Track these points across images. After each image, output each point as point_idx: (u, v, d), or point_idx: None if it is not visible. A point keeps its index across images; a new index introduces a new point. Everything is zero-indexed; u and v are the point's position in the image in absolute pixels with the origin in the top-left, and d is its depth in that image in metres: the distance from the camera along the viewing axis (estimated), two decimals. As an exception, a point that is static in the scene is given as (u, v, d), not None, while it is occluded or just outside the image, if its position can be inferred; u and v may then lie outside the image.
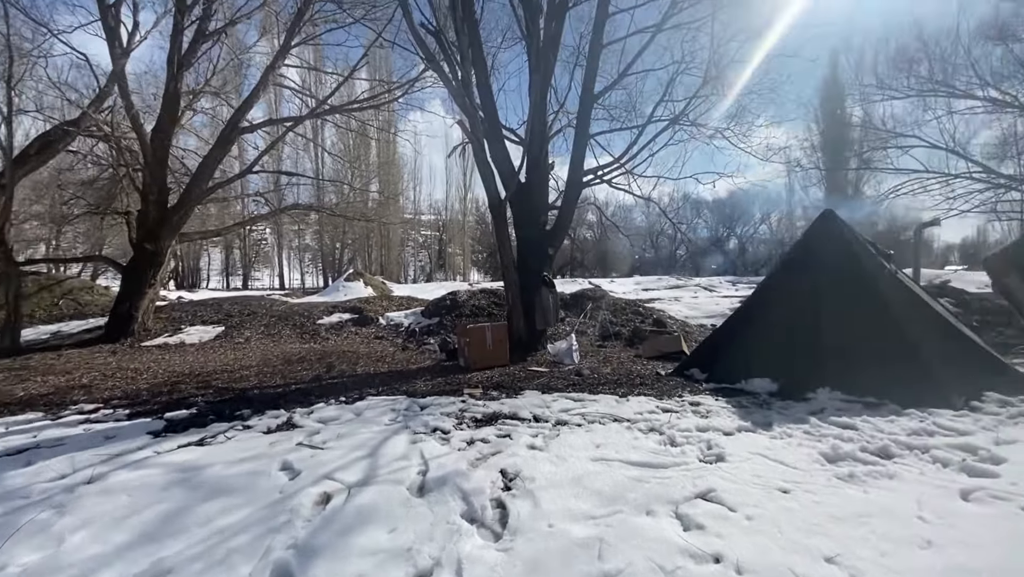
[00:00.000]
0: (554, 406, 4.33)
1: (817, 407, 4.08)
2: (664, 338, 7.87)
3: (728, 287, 21.71)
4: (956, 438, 3.17)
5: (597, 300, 11.36)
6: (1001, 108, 11.27)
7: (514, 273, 7.41)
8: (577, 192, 8.38)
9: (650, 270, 39.91)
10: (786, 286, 5.32)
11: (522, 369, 6.28)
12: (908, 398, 3.98)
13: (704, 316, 12.36)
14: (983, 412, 3.73)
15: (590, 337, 9.61)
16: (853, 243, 5.16)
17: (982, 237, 43.79)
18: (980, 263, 21.71)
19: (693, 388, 5.03)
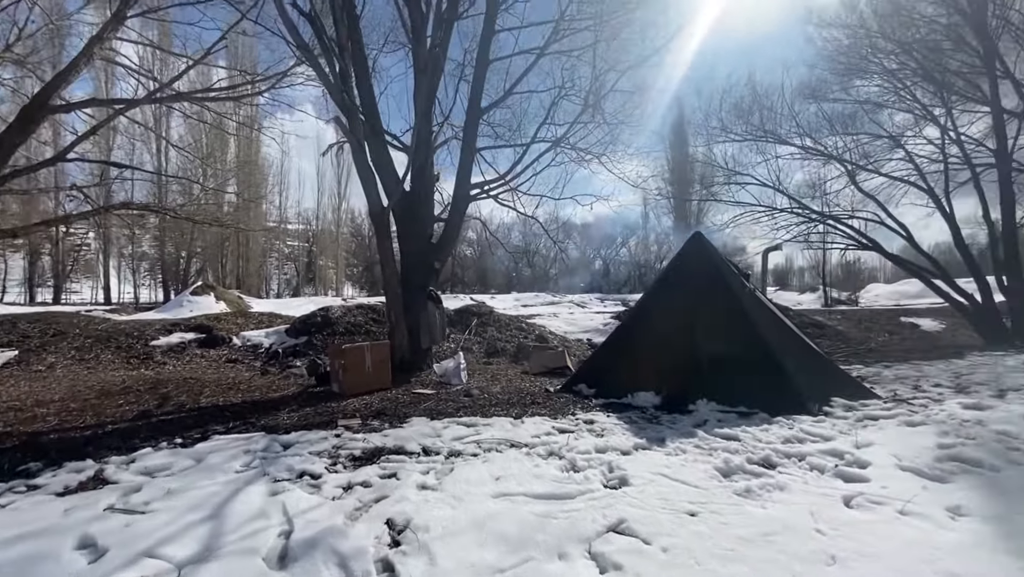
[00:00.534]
0: (445, 434, 3.89)
1: (700, 419, 4.21)
2: (549, 353, 7.86)
3: (597, 303, 23.09)
4: (823, 444, 3.42)
5: (482, 316, 11.14)
6: (813, 155, 13.52)
7: (397, 287, 6.84)
8: (464, 205, 8.09)
9: (527, 287, 41.24)
10: (664, 303, 5.55)
11: (406, 392, 5.73)
12: (774, 406, 4.29)
13: (581, 331, 12.82)
14: (834, 416, 4.14)
15: (476, 354, 9.31)
16: (720, 264, 5.58)
17: (789, 263, 52.45)
18: (788, 285, 25.26)
19: (584, 404, 4.95)
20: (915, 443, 3.34)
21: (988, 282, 11.37)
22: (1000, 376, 5.53)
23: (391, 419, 4.49)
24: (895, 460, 3.07)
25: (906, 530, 2.29)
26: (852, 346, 11.78)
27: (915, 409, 4.20)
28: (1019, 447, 3.14)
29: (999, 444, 3.21)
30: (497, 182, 8.93)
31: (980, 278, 11.47)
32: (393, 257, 7.00)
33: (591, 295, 27.55)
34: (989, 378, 5.42)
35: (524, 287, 42.06)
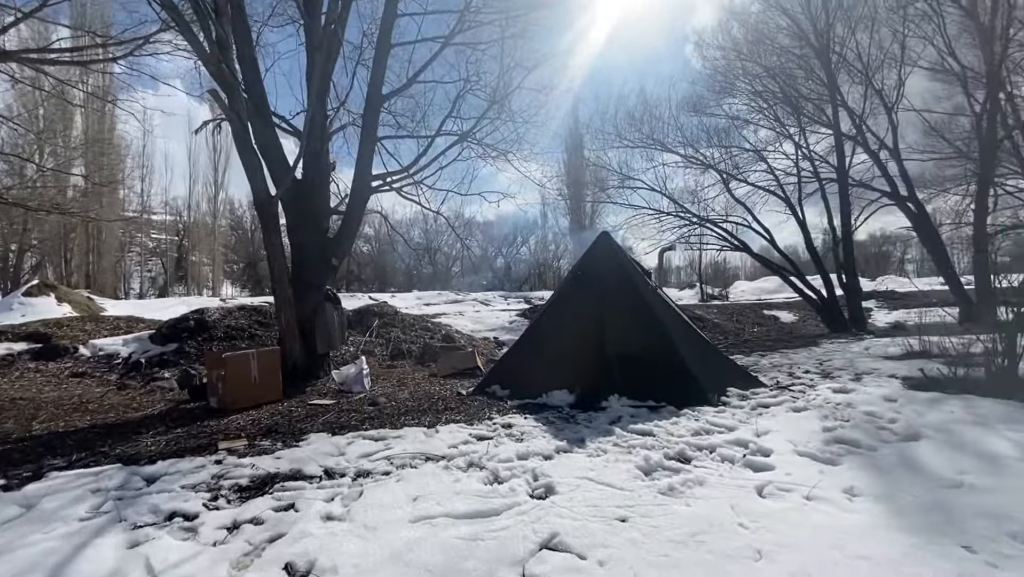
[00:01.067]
0: (351, 451, 3.47)
1: (614, 415, 4.23)
2: (458, 354, 7.59)
3: (501, 301, 23.24)
4: (728, 434, 3.58)
5: (385, 316, 10.53)
6: (693, 163, 14.72)
7: (288, 286, 6.12)
8: (364, 197, 7.51)
9: (428, 285, 40.40)
10: (576, 301, 5.57)
11: (302, 404, 5.12)
12: (680, 400, 4.47)
13: (488, 329, 12.71)
14: (732, 406, 4.40)
15: (379, 357, 8.75)
16: (625, 262, 5.73)
17: (668, 262, 57.14)
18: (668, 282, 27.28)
19: (499, 407, 4.77)
20: (804, 428, 3.62)
21: (831, 280, 13.20)
22: (852, 361, 6.34)
23: (285, 437, 3.94)
24: (792, 446, 3.29)
25: (815, 516, 2.41)
26: (729, 337, 13.00)
27: (796, 395, 4.62)
28: (885, 426, 3.54)
29: (869, 424, 3.60)
30: (400, 174, 8.45)
31: (825, 276, 13.27)
32: (283, 252, 6.26)
33: (494, 293, 27.68)
34: (845, 363, 6.19)
35: (425, 285, 41.15)
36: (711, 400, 4.46)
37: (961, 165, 14.50)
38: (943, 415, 3.68)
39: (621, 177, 15.40)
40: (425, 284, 42.04)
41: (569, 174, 46.92)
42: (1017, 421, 3.45)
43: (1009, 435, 3.22)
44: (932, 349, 6.35)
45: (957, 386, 4.36)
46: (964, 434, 3.28)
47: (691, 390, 4.56)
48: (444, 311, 15.65)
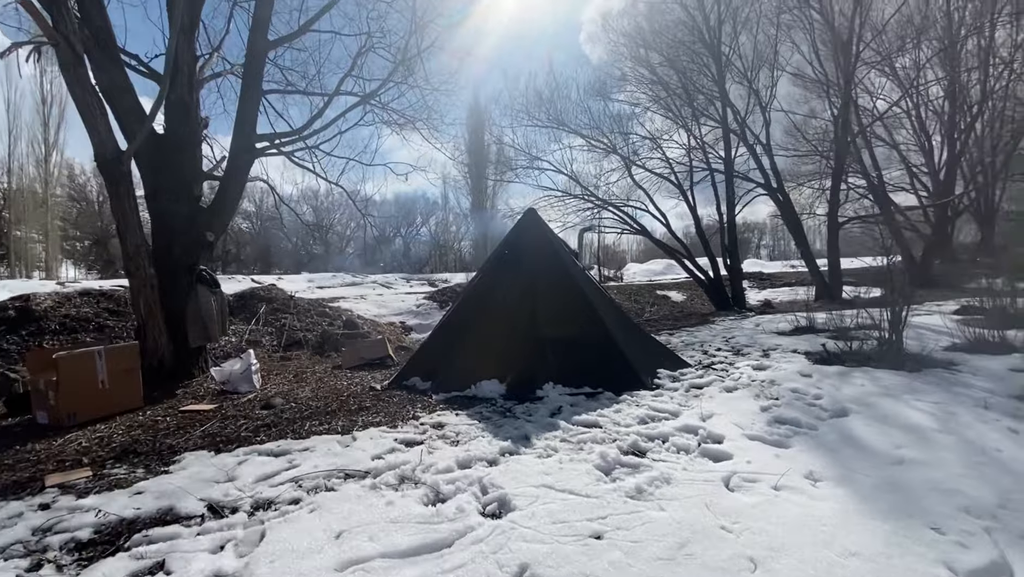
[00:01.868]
0: (244, 474, 2.73)
1: (553, 405, 3.90)
2: (366, 343, 6.81)
3: (403, 284, 22.20)
4: (675, 420, 3.42)
5: (273, 301, 9.25)
6: (598, 147, 14.95)
7: (148, 266, 4.91)
8: (247, 161, 6.33)
9: (319, 267, 37.47)
10: (502, 281, 5.14)
11: (171, 412, 4.12)
12: (616, 384, 4.27)
13: (393, 313, 11.87)
14: (666, 388, 4.30)
15: (268, 348, 7.62)
16: (554, 241, 5.42)
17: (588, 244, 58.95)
18: None
19: (424, 403, 4.21)
20: (743, 408, 3.59)
21: (717, 262, 14.28)
22: (752, 337, 6.73)
23: (149, 460, 3.04)
24: (739, 430, 3.20)
25: (791, 509, 2.26)
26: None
27: (720, 374, 4.66)
28: (813, 403, 3.63)
29: (800, 402, 3.67)
30: (291, 137, 7.32)
31: (712, 259, 14.31)
32: (139, 224, 4.99)
33: (395, 275, 26.37)
34: (747, 340, 6.53)
35: (316, 267, 38.13)
36: (647, 383, 4.33)
37: (815, 162, 16.51)
38: (856, 389, 3.87)
39: (530, 157, 15.21)
40: (316, 266, 38.96)
41: (471, 153, 46.34)
42: (918, 391, 3.72)
43: (918, 405, 3.43)
44: (817, 324, 6.96)
45: (854, 359, 4.69)
46: (882, 407, 3.43)
47: (626, 374, 4.39)
48: (342, 294, 14.39)
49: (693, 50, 13.97)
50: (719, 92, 13.71)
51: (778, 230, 49.49)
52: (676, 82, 13.90)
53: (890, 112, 15.22)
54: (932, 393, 3.66)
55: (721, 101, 13.78)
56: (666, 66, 13.85)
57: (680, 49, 13.96)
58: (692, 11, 13.49)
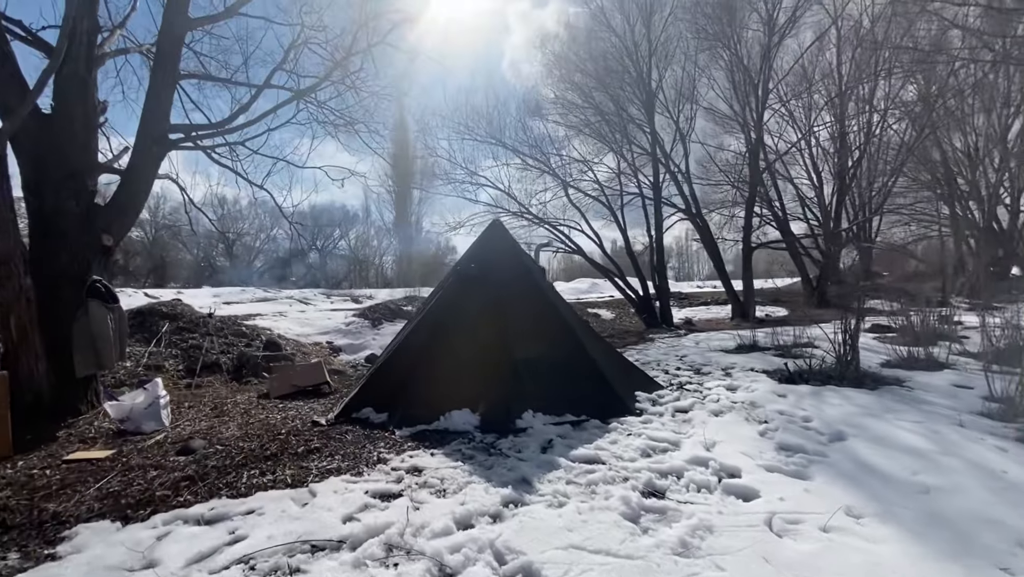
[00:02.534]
0: (169, 556, 2.01)
1: (541, 438, 3.48)
2: (300, 367, 5.95)
3: (324, 300, 20.67)
4: (679, 452, 3.15)
5: (179, 319, 7.95)
6: (534, 167, 14.98)
7: (22, 275, 3.84)
8: (158, 153, 5.33)
9: (223, 281, 34.05)
10: (467, 300, 4.66)
11: (53, 462, 3.15)
12: (601, 410, 3.95)
13: (319, 332, 10.81)
14: (651, 412, 4.05)
15: (172, 374, 6.45)
16: (522, 255, 5.06)
17: None
18: None
19: (386, 440, 3.58)
20: (742, 434, 3.41)
21: (647, 281, 14.76)
22: (704, 355, 6.78)
23: (24, 537, 2.19)
24: (750, 459, 2.99)
25: (852, 555, 2.03)
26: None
27: (696, 396, 4.51)
28: (807, 426, 3.54)
29: (794, 425, 3.57)
30: (210, 130, 6.37)
31: (642, 278, 14.77)
32: (14, 223, 3.91)
33: (312, 291, 24.53)
34: (701, 358, 6.56)
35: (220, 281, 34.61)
36: (631, 408, 4.06)
37: (724, 191, 17.89)
38: (836, 409, 3.87)
39: (468, 172, 14.86)
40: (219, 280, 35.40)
41: (395, 166, 45.09)
42: (892, 410, 3.78)
43: (903, 425, 3.46)
44: (759, 343, 7.21)
45: (817, 378, 4.78)
46: (872, 428, 3.42)
47: (609, 398, 4.09)
48: (257, 311, 12.93)
49: (623, 78, 14.51)
50: (647, 120, 14.32)
51: (683, 252, 53.21)
52: (609, 108, 14.34)
53: (790, 151, 16.84)
54: (906, 412, 3.74)
55: (650, 129, 14.40)
56: (600, 91, 14.25)
57: (611, 76, 14.44)
58: (624, 41, 14.04)
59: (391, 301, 13.69)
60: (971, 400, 4.07)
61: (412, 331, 4.75)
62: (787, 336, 7.37)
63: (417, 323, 4.77)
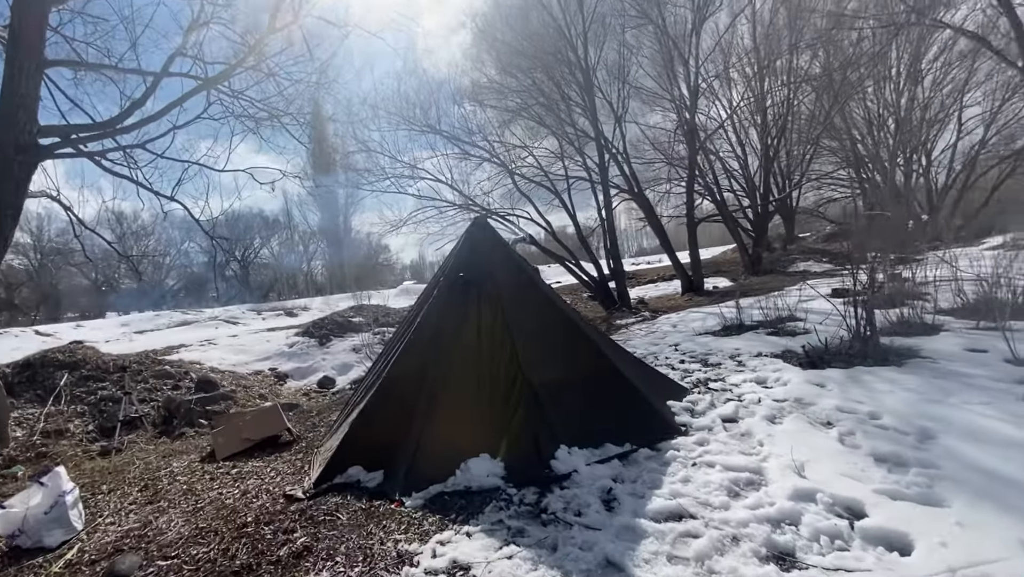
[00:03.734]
0: None
1: (595, 487, 2.76)
2: (251, 415, 4.82)
3: (254, 317, 18.71)
4: (767, 483, 2.57)
5: (80, 366, 6.42)
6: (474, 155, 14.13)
7: None
8: (24, 165, 3.99)
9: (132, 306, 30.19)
10: (461, 316, 3.82)
11: None
12: (643, 434, 3.32)
13: (258, 359, 9.45)
14: (695, 428, 3.46)
15: (79, 439, 5.11)
16: (517, 258, 4.29)
17: (422, 260, 56.39)
18: None
19: (394, 517, 2.71)
20: (822, 446, 2.90)
21: (601, 265, 14.46)
22: (695, 341, 6.38)
23: None
24: (860, 484, 2.46)
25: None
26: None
27: (732, 397, 4.00)
28: (881, 425, 3.10)
29: (864, 425, 3.12)
30: (94, 132, 5.01)
31: (596, 262, 14.46)
32: None
33: (238, 307, 22.18)
34: (696, 346, 6.14)
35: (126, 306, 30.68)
36: (674, 424, 3.46)
37: (655, 169, 18.10)
38: (892, 397, 3.48)
39: (408, 165, 13.71)
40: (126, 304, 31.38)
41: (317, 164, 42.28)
42: (951, 392, 3.42)
43: (975, 409, 3.10)
44: (745, 320, 6.93)
45: (840, 359, 4.45)
46: (950, 419, 3.03)
47: (646, 416, 3.47)
48: (180, 340, 11.18)
49: (556, 57, 13.89)
50: (588, 101, 13.87)
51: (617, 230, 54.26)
52: (549, 89, 13.74)
53: (721, 127, 17.15)
54: (961, 392, 3.42)
55: (592, 113, 13.97)
56: (540, 71, 13.59)
57: (548, 56, 13.81)
58: (557, 18, 13.41)
59: (337, 314, 12.39)
60: (1001, 367, 3.86)
61: (397, 359, 3.84)
62: (757, 310, 7.18)
63: (402, 348, 3.87)
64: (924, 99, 18.46)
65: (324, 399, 7.79)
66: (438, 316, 3.90)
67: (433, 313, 3.94)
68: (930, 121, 18.97)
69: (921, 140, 19.35)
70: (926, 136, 19.35)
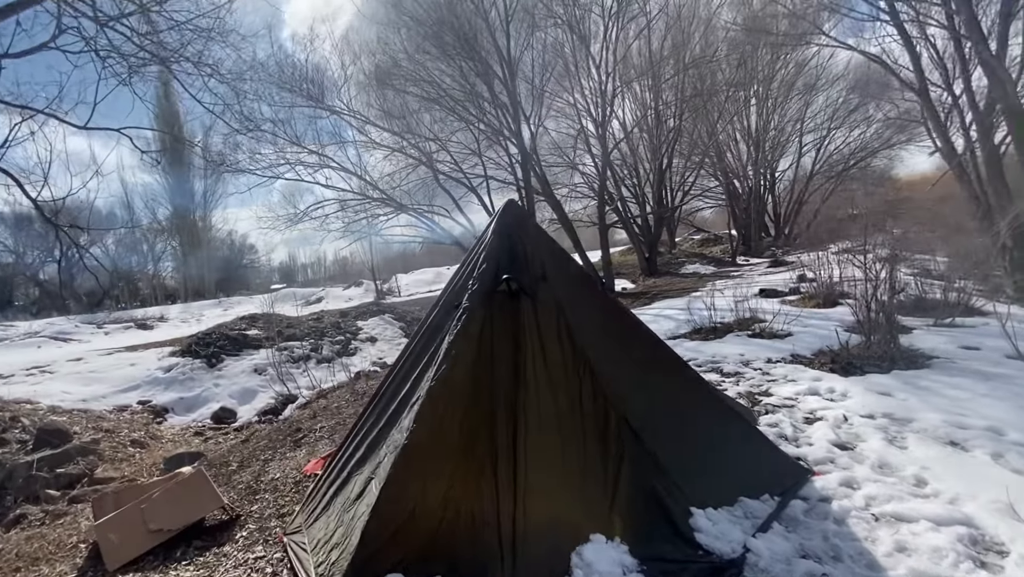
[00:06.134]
0: None
1: (784, 570, 1.96)
2: (162, 491, 3.10)
3: (95, 332, 14.73)
4: (978, 530, 2.00)
5: None
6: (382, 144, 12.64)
7: None
8: None
9: None
10: (511, 336, 2.71)
11: None
12: (771, 477, 2.59)
13: (122, 389, 7.08)
14: (808, 461, 2.84)
15: None
16: (564, 253, 3.30)
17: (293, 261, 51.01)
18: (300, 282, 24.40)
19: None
20: (994, 477, 2.42)
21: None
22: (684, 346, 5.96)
23: None
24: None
25: None
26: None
27: (807, 416, 3.48)
28: (1004, 438, 2.75)
29: (998, 443, 2.74)
30: None
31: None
32: None
33: (70, 318, 17.32)
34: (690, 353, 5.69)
35: None
36: (790, 459, 2.78)
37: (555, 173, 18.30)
38: (978, 404, 3.22)
39: (311, 151, 11.65)
40: None
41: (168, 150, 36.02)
42: (1017, 394, 3.31)
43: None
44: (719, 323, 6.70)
45: (869, 363, 4.24)
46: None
47: (763, 452, 2.74)
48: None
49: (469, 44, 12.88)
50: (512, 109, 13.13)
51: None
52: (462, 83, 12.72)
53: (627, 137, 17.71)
54: None
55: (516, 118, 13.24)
56: (463, 59, 12.49)
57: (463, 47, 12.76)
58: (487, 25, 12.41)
59: (226, 326, 9.99)
60: (1013, 364, 3.95)
61: (425, 407, 2.56)
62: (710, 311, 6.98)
63: (437, 385, 2.63)
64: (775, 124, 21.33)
65: (232, 439, 5.95)
66: (473, 336, 2.71)
67: (467, 337, 2.75)
68: (773, 144, 21.96)
69: (769, 160, 22.27)
70: (771, 157, 22.35)
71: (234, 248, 45.23)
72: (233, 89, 5.98)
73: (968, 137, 7.90)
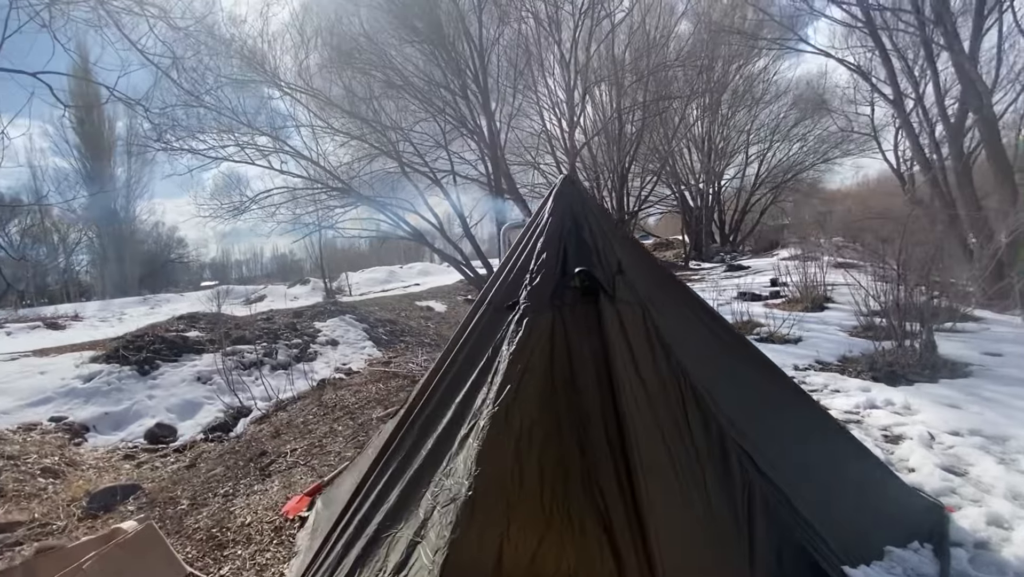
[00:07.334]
0: None
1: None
2: (95, 558, 2.17)
3: None
4: None
5: None
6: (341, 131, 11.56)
7: None
8: None
9: None
10: (595, 345, 2.06)
11: None
12: (905, 517, 2.11)
13: (29, 403, 5.79)
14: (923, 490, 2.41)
15: None
16: (633, 237, 2.69)
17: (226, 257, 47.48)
18: None
19: None
20: None
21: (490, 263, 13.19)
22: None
23: None
24: None
25: None
26: (417, 336, 10.91)
27: (887, 434, 3.09)
28: None
29: None
30: None
31: (485, 261, 13.16)
32: None
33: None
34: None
35: None
36: (926, 496, 2.33)
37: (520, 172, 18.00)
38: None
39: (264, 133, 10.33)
40: None
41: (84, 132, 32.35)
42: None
43: None
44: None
45: (915, 372, 3.97)
46: None
47: (888, 485, 2.27)
48: None
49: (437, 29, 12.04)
50: (483, 106, 12.43)
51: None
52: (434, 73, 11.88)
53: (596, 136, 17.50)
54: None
55: (487, 116, 12.56)
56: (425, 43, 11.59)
57: (431, 32, 11.89)
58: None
59: (161, 326, 8.58)
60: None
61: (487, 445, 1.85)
62: None
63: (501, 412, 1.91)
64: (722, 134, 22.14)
65: (174, 462, 4.91)
66: (549, 354, 2.04)
67: (535, 348, 2.06)
68: (720, 153, 22.80)
69: (716, 169, 23.08)
70: (719, 165, 23.19)
71: (160, 242, 41.16)
72: (188, 37, 4.87)
73: (936, 147, 8.11)
